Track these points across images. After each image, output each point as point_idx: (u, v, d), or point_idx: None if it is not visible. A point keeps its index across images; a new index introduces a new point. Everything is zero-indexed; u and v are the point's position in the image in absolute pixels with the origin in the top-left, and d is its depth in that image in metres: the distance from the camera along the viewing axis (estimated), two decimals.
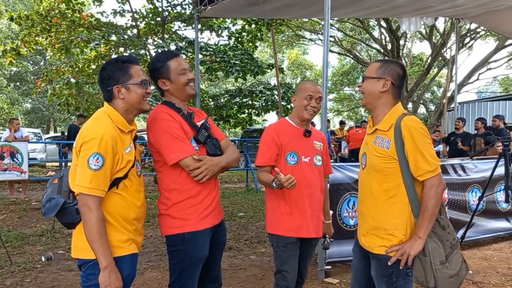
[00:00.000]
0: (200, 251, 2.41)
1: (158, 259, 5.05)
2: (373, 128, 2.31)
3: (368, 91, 2.32)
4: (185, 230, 2.37)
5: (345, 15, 10.81)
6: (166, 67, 2.43)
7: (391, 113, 2.26)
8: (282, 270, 2.75)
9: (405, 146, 2.16)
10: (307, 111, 2.77)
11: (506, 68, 28.95)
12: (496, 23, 7.33)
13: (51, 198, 2.05)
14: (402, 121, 2.18)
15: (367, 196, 2.33)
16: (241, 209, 8.31)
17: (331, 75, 30.77)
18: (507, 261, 5.00)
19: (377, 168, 2.25)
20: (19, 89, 30.03)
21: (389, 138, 2.21)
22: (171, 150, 2.32)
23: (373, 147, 2.27)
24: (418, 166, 2.15)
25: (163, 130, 2.34)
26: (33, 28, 12.11)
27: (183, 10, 13.15)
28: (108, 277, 1.94)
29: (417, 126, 2.17)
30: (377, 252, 2.25)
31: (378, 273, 2.26)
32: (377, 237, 2.26)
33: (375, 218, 2.28)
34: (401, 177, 2.19)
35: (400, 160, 2.18)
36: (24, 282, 4.30)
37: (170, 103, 2.47)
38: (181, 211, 2.39)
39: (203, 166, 2.33)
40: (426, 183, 2.16)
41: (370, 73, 2.32)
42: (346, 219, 4.48)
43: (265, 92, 13.52)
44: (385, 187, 2.23)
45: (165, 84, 2.46)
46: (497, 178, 5.20)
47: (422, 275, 2.17)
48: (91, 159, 1.94)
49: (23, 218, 7.33)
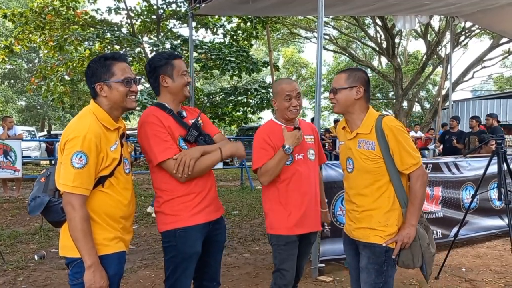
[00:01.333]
0: (191, 247, 2.40)
1: (151, 257, 5.03)
2: (354, 133, 2.44)
3: (343, 101, 2.43)
4: (176, 226, 2.39)
5: (340, 13, 10.80)
6: (170, 65, 2.45)
7: (368, 116, 2.43)
8: (281, 268, 2.75)
9: (390, 144, 2.34)
10: (291, 112, 2.76)
11: (501, 66, 29.16)
12: (490, 21, 7.35)
13: (36, 196, 2.04)
14: (383, 122, 2.36)
15: (359, 196, 2.45)
16: (236, 207, 8.30)
17: (326, 73, 30.83)
18: (500, 259, 5.02)
19: (367, 170, 2.39)
20: (13, 87, 29.86)
21: (373, 140, 2.37)
22: (152, 152, 2.35)
23: (359, 151, 2.42)
24: (403, 161, 2.34)
25: (147, 133, 2.36)
26: (27, 26, 12.05)
27: (178, 8, 13.13)
28: (92, 276, 1.93)
29: (396, 125, 2.36)
30: (372, 241, 2.38)
31: (369, 262, 2.38)
32: (371, 230, 2.40)
33: (369, 214, 2.41)
34: (387, 173, 2.37)
35: (385, 158, 2.36)
36: (16, 280, 4.28)
37: (161, 104, 2.47)
38: (172, 208, 2.41)
39: (177, 161, 2.30)
40: (412, 175, 2.37)
41: (341, 84, 2.43)
42: (340, 217, 4.48)
43: (260, 90, 13.52)
44: (378, 185, 2.39)
45: (166, 81, 2.46)
46: (491, 176, 5.21)
47: (409, 258, 2.39)
48: (74, 157, 1.92)
49: (16, 217, 7.30)
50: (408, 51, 29.23)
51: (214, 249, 2.59)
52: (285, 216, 2.73)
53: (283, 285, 2.74)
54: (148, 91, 11.79)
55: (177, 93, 2.48)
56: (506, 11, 6.29)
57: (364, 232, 2.42)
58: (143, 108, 11.23)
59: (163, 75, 2.45)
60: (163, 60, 2.47)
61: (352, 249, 2.56)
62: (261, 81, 15.71)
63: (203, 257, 2.54)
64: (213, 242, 2.56)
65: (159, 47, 11.53)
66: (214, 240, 2.57)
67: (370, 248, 2.39)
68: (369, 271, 2.38)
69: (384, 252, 2.36)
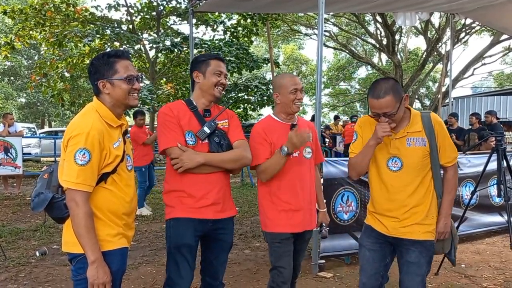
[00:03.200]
0: (180, 238, 2.47)
1: (152, 254, 5.06)
2: (403, 132, 2.45)
3: (399, 117, 2.41)
4: (170, 217, 2.53)
5: (340, 10, 10.79)
6: (206, 63, 2.58)
7: (414, 115, 2.49)
8: (278, 266, 2.74)
9: (439, 139, 2.45)
10: (296, 104, 2.77)
11: (501, 63, 29.07)
12: (490, 18, 7.33)
13: (40, 193, 2.06)
14: (433, 119, 2.47)
15: (405, 194, 2.47)
16: (236, 204, 8.26)
17: (327, 70, 30.77)
18: (500, 255, 5.04)
19: (418, 167, 2.45)
20: (13, 83, 29.83)
21: (423, 137, 2.45)
22: (160, 139, 2.49)
23: (410, 149, 2.45)
24: (448, 154, 2.49)
25: (159, 122, 2.52)
26: (27, 22, 12.03)
27: (178, 4, 13.10)
28: (95, 271, 1.95)
29: (442, 120, 2.51)
30: (423, 238, 2.47)
31: (422, 255, 2.47)
32: (420, 225, 2.47)
33: (416, 210, 2.47)
34: (430, 167, 2.48)
35: (431, 152, 2.45)
36: (18, 276, 4.30)
37: (188, 100, 2.62)
38: (170, 199, 2.55)
39: (180, 156, 2.42)
40: (451, 168, 2.54)
41: (395, 106, 2.33)
42: (340, 213, 4.50)
43: (260, 87, 13.52)
44: (425, 181, 2.48)
45: (198, 77, 2.59)
46: (490, 172, 5.23)
47: (439, 245, 2.56)
48: (78, 154, 1.94)
49: (17, 213, 7.32)
50: (408, 48, 29.18)
51: (217, 248, 2.62)
52: (278, 213, 2.73)
53: (281, 282, 2.73)
54: (148, 87, 11.78)
55: (206, 90, 2.59)
56: (506, 8, 6.28)
57: (412, 229, 2.47)
58: (143, 104, 11.23)
59: (197, 71, 2.59)
60: (201, 57, 2.64)
61: (378, 243, 2.58)
62: (261, 77, 15.70)
63: (205, 254, 2.63)
64: (216, 240, 2.59)
65: (159, 44, 11.52)
66: (217, 239, 2.59)
67: (421, 243, 2.46)
68: (421, 264, 2.46)
69: (432, 245, 2.51)
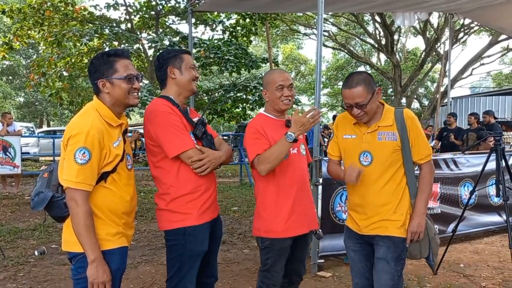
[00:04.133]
0: (201, 246, 2.41)
1: (151, 253, 5.06)
2: (374, 126, 2.46)
3: (372, 110, 2.43)
4: (186, 225, 2.37)
5: (339, 10, 10.80)
6: (179, 57, 2.49)
7: (387, 110, 2.49)
8: (273, 270, 2.66)
9: (410, 134, 2.42)
10: (283, 102, 2.64)
11: (499, 63, 29.13)
12: (489, 18, 7.35)
13: (40, 192, 2.05)
14: (405, 114, 2.44)
15: (374, 188, 2.46)
16: (235, 203, 8.33)
17: (326, 70, 30.77)
18: (498, 255, 5.05)
19: (388, 161, 2.43)
20: (11, 83, 29.77)
21: (394, 131, 2.43)
22: (172, 142, 2.32)
23: (380, 143, 2.44)
24: (421, 151, 2.44)
25: (164, 123, 2.34)
26: (25, 22, 11.99)
27: (177, 4, 13.07)
28: (95, 270, 1.95)
29: (415, 117, 2.46)
30: (391, 234, 2.43)
31: (389, 251, 2.43)
32: (388, 221, 2.44)
33: (386, 206, 2.45)
34: (402, 163, 2.44)
35: (403, 148, 2.42)
36: (17, 276, 4.29)
37: (168, 97, 2.46)
38: (181, 206, 2.38)
39: (206, 158, 2.35)
40: (425, 165, 2.48)
41: (366, 97, 2.37)
42: (339, 213, 4.50)
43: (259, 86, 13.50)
44: (394, 177, 2.45)
45: (174, 73, 2.47)
46: (489, 172, 5.23)
47: (417, 248, 2.48)
48: (78, 153, 1.94)
49: (16, 213, 7.31)
50: (407, 48, 29.18)
51: (213, 245, 2.60)
52: (282, 216, 2.59)
53: (271, 285, 2.67)
54: (147, 87, 11.76)
55: (184, 86, 2.49)
56: (505, 8, 6.29)
57: (380, 225, 2.45)
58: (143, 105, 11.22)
59: (172, 66, 2.47)
60: (172, 53, 2.51)
61: (358, 243, 2.58)
62: (260, 77, 15.68)
63: (205, 255, 2.53)
64: (213, 239, 2.57)
65: (158, 44, 11.50)
66: (213, 237, 2.57)
67: (389, 238, 2.43)
68: (388, 261, 2.42)
69: (402, 242, 2.44)
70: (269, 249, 2.63)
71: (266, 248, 2.64)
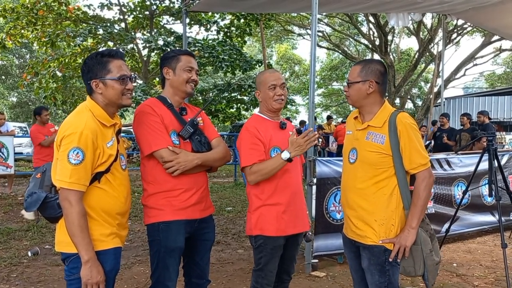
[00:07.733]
0: (173, 242, 2.41)
1: (145, 254, 5.04)
2: (365, 124, 2.38)
3: (355, 95, 2.39)
4: (159, 220, 2.41)
5: (333, 10, 10.82)
6: (177, 58, 2.51)
7: (383, 110, 2.36)
8: (266, 269, 2.67)
9: (401, 141, 2.26)
10: (276, 101, 2.66)
11: (492, 64, 29.33)
12: (482, 19, 7.39)
13: (33, 192, 2.05)
14: (398, 118, 2.28)
15: (356, 189, 2.39)
16: (229, 203, 8.33)
17: (320, 70, 30.84)
18: (491, 254, 5.08)
19: (370, 162, 2.32)
20: (4, 82, 29.59)
21: (383, 134, 2.30)
22: (146, 141, 2.38)
23: (366, 143, 2.34)
24: (412, 160, 2.26)
25: (141, 122, 2.40)
26: (19, 21, 11.94)
27: (171, 4, 13.06)
28: (89, 271, 1.95)
29: (411, 122, 2.29)
30: (369, 243, 2.32)
31: (370, 263, 2.34)
32: (369, 228, 2.33)
33: (366, 210, 2.34)
34: (393, 170, 2.30)
35: (394, 154, 2.28)
36: (10, 277, 4.27)
37: (162, 97, 2.51)
38: (157, 202, 2.43)
39: (176, 160, 2.35)
40: (418, 176, 2.28)
41: (354, 78, 2.37)
42: (333, 213, 4.52)
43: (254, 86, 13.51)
44: (376, 180, 2.32)
45: (169, 73, 2.52)
46: (482, 172, 5.28)
47: (410, 264, 2.30)
48: (71, 153, 1.94)
49: (9, 213, 7.26)
50: (400, 48, 29.31)
51: (202, 248, 2.59)
52: (275, 215, 2.61)
53: (265, 284, 2.68)
54: (141, 87, 11.75)
55: (177, 87, 2.52)
56: (498, 9, 6.34)
57: (361, 232, 2.35)
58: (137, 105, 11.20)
59: (167, 67, 2.51)
60: (171, 54, 2.55)
61: (352, 251, 2.50)
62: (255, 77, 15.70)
63: (191, 255, 2.56)
64: (201, 240, 2.56)
65: (152, 44, 11.48)
66: (202, 239, 2.57)
67: (369, 249, 2.33)
68: (372, 272, 2.33)
69: (383, 252, 2.30)
70: (262, 248, 2.65)
71: (260, 247, 2.66)
